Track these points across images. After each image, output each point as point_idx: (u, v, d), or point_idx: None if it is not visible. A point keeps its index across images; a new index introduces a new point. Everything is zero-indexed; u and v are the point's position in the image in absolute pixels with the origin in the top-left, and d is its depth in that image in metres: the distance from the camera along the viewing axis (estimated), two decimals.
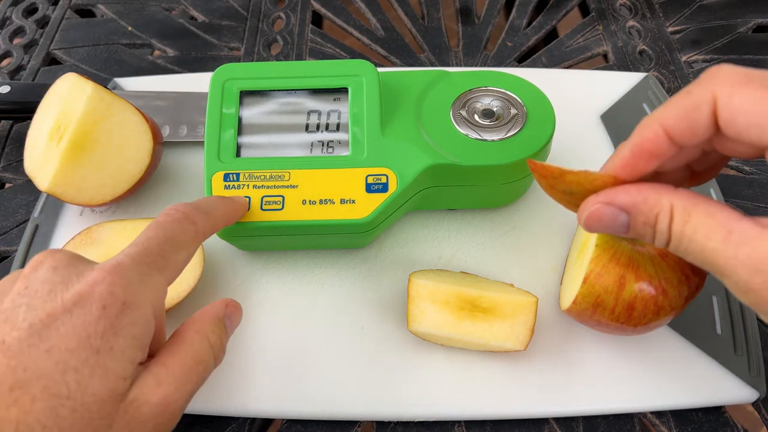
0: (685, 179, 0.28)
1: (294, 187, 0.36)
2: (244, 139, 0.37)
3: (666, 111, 0.24)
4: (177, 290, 0.35)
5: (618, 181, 0.26)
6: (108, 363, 0.22)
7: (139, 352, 0.24)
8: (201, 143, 0.44)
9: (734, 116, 0.22)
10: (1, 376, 0.21)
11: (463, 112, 0.38)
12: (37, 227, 0.41)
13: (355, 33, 0.55)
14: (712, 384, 0.34)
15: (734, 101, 0.22)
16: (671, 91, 0.49)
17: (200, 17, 0.57)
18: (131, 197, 0.42)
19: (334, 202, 0.35)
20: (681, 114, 0.24)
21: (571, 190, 0.27)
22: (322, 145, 0.37)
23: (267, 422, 0.35)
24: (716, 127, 0.23)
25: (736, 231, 0.22)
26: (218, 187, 0.35)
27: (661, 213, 0.24)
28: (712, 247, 0.22)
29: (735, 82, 0.22)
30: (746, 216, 0.22)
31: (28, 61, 0.53)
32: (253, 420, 0.35)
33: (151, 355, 0.25)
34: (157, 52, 0.55)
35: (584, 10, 0.58)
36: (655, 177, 0.27)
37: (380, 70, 0.39)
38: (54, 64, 0.53)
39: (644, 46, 0.53)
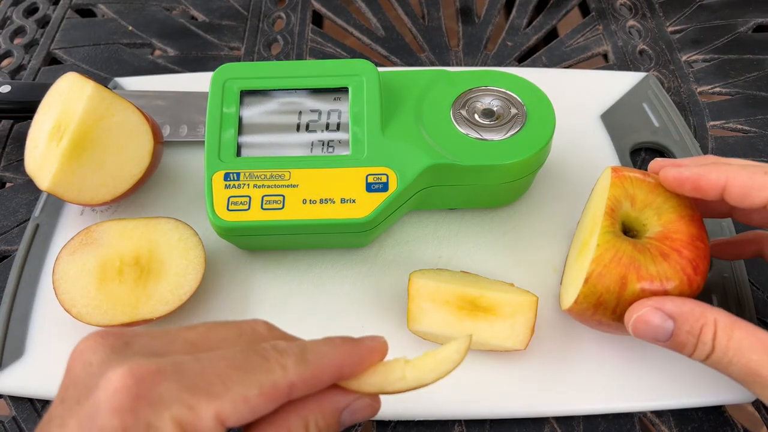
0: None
1: (294, 186, 0.36)
2: (245, 139, 0.37)
3: None
4: (178, 293, 0.35)
5: None
6: None
7: None
8: (201, 143, 0.44)
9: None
10: None
11: (464, 112, 0.38)
12: (37, 227, 0.41)
13: (356, 33, 0.55)
14: (712, 383, 0.34)
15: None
16: (671, 91, 0.49)
17: (200, 17, 0.57)
18: (131, 197, 0.42)
19: (334, 202, 0.35)
20: None
21: None
22: (323, 145, 0.37)
23: None
24: None
25: None
26: (219, 187, 0.35)
27: (706, 325, 0.27)
28: (756, 359, 0.26)
29: None
30: None
31: (29, 60, 0.53)
32: None
33: None
34: (157, 52, 0.55)
35: (584, 10, 0.58)
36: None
37: (380, 69, 0.39)
38: (54, 64, 0.54)
39: (644, 46, 0.53)
